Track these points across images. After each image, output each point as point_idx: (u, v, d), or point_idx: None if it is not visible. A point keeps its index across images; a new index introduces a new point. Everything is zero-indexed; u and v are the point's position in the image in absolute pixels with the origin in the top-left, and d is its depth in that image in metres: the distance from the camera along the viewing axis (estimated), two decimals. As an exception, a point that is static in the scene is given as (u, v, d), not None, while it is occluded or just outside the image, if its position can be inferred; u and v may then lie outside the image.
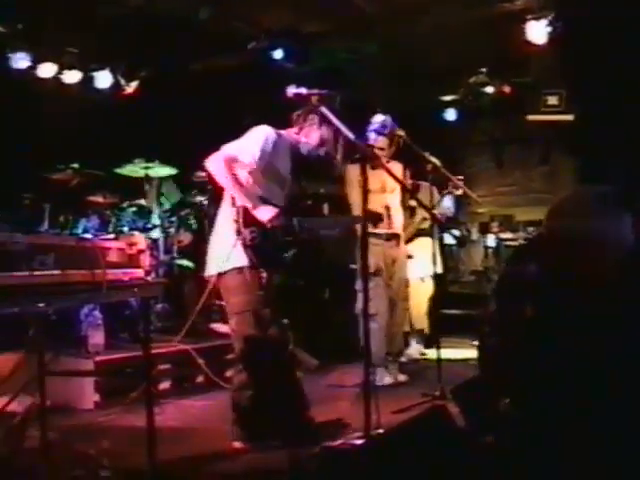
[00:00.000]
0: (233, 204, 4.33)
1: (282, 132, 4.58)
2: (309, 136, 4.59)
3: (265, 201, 4.38)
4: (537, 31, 7.59)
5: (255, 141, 4.41)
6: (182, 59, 8.52)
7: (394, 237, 6.52)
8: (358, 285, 6.19)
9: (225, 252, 4.32)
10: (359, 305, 6.16)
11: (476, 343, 3.42)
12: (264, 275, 4.32)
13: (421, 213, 7.19)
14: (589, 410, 2.60)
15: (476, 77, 9.64)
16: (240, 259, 4.29)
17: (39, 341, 3.96)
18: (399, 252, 6.58)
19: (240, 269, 4.31)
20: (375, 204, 6.16)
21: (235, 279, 4.35)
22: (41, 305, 3.28)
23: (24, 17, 7.60)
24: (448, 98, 10.32)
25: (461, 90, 9.95)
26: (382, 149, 6.32)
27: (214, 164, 4.40)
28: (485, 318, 3.15)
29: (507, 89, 9.67)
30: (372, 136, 6.36)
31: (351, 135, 3.94)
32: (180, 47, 8.11)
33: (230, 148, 4.41)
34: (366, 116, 6.45)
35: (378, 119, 6.40)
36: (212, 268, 4.48)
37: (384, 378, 6.25)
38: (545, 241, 3.00)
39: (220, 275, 4.42)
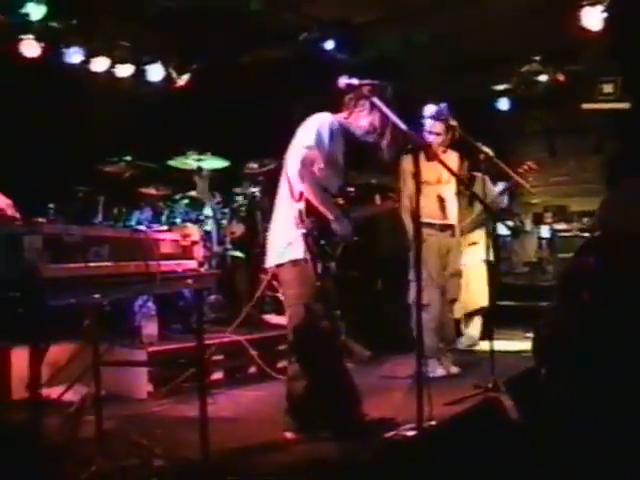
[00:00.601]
0: (298, 198, 4.31)
1: (337, 117, 4.57)
2: (358, 121, 4.56)
3: (326, 191, 4.38)
4: (592, 17, 7.44)
5: (323, 133, 4.37)
6: (233, 51, 8.55)
7: (448, 228, 6.47)
8: (411, 275, 6.16)
9: (283, 244, 4.34)
10: (412, 295, 6.15)
11: (530, 335, 3.39)
12: (320, 266, 4.31)
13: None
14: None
15: (529, 65, 9.51)
16: (297, 251, 4.28)
17: (94, 332, 4.01)
18: (453, 243, 6.54)
19: (296, 262, 4.30)
20: (429, 195, 6.12)
21: (291, 272, 4.35)
22: (96, 296, 3.32)
23: (78, 12, 7.70)
24: (501, 87, 10.20)
25: (514, 79, 9.83)
26: (439, 134, 6.29)
27: (302, 163, 4.31)
28: (545, 312, 3.15)
29: (561, 77, 9.52)
30: (429, 122, 6.33)
31: (403, 126, 3.91)
32: (231, 39, 8.15)
33: (307, 149, 4.34)
34: (417, 106, 6.41)
35: (431, 108, 6.36)
36: (270, 260, 4.50)
37: (436, 370, 6.21)
38: (599, 232, 2.99)
39: (277, 267, 4.44)
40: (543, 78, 9.58)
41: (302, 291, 4.34)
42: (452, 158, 6.37)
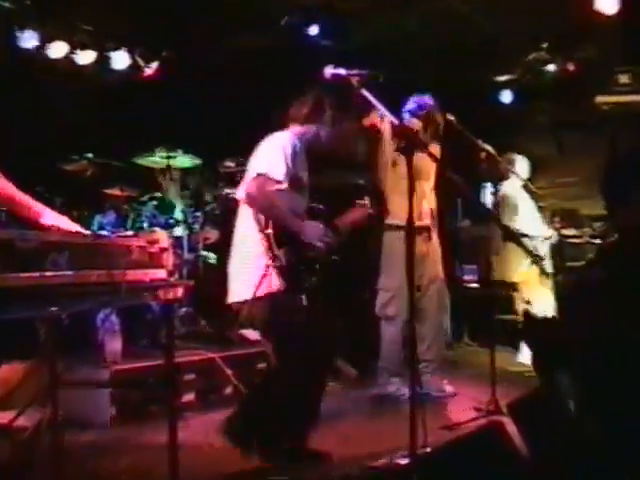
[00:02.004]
0: (260, 228, 4.39)
1: (298, 131, 4.75)
2: (322, 128, 4.80)
3: (294, 213, 4.49)
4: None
5: (280, 153, 4.51)
6: (207, 37, 8.54)
7: (424, 230, 6.28)
8: (381, 283, 6.16)
9: (255, 277, 4.37)
10: (379, 304, 6.16)
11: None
12: (300, 297, 4.38)
13: None
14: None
15: (536, 53, 9.54)
16: (274, 283, 4.34)
17: (51, 349, 4.01)
18: (430, 247, 6.36)
19: (273, 294, 4.36)
20: (407, 193, 6.07)
21: (271, 304, 4.40)
22: (53, 309, 3.32)
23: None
24: (504, 78, 10.23)
25: (518, 69, 9.87)
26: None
27: (249, 190, 4.48)
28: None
29: (571, 67, 9.56)
30: (406, 117, 6.30)
31: (395, 119, 3.95)
32: (206, 23, 8.14)
33: (259, 168, 4.49)
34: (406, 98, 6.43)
35: (414, 100, 6.35)
36: (241, 293, 4.52)
37: (401, 389, 6.02)
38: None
39: (253, 300, 4.44)
40: (551, 67, 9.63)
41: (286, 320, 4.39)
42: (433, 151, 6.37)
